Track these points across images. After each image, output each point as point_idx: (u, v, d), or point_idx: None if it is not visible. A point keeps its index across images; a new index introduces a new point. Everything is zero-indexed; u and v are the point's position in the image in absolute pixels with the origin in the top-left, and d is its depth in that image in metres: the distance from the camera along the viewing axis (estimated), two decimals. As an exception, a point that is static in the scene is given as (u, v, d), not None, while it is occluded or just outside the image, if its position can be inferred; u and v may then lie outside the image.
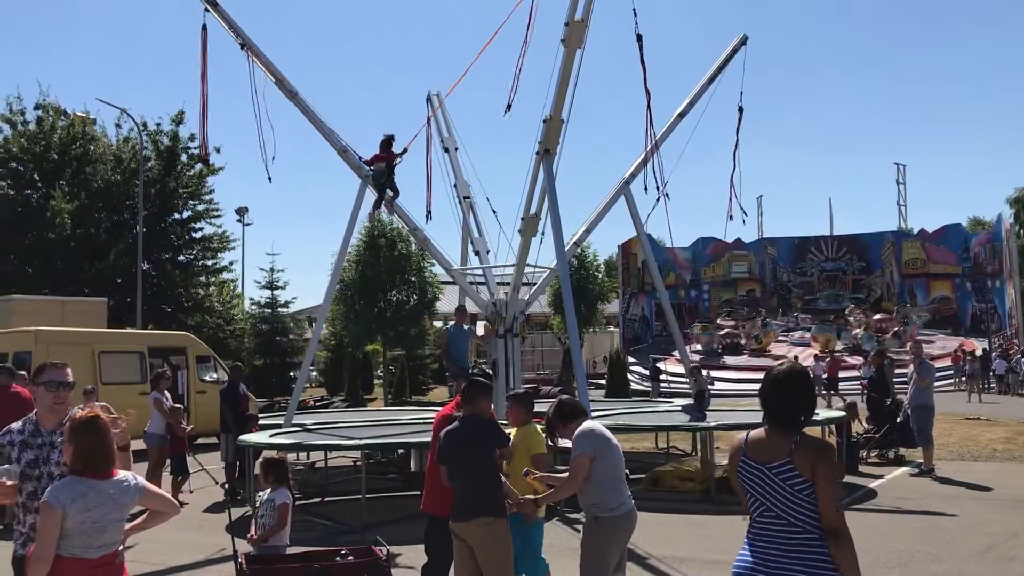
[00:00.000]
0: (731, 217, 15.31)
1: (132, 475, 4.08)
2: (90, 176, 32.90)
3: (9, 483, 4.07)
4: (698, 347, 40.54)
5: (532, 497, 5.72)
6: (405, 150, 14.34)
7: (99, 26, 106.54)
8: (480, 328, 15.11)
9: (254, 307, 38.75)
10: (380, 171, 14.01)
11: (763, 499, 3.40)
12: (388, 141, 14.17)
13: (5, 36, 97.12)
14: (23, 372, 10.38)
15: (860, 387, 22.37)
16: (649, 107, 11.84)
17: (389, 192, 14.34)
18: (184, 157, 34.49)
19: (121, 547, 4.02)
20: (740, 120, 15.02)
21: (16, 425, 4.32)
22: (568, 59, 11.07)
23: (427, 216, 16.53)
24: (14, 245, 31.18)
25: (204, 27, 12.95)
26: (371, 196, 14.47)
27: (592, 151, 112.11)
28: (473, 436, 5.60)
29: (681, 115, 14.97)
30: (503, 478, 5.69)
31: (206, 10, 13.00)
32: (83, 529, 3.79)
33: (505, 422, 6.49)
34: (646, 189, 13.30)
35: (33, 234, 30.87)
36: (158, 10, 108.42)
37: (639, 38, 11.35)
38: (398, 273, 33.45)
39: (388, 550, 5.93)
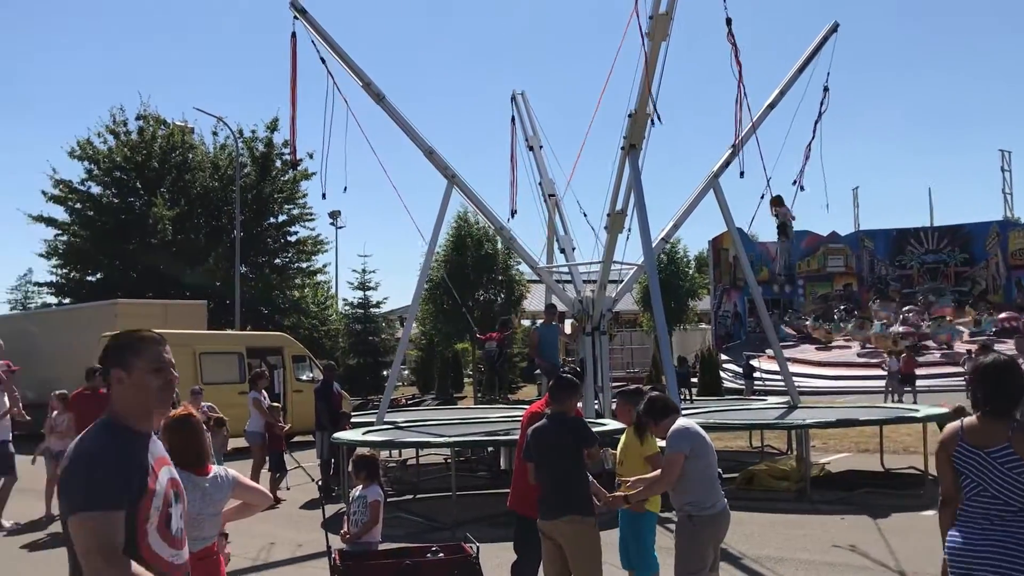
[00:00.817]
0: (801, 187, 14.82)
1: (224, 469, 4.19)
2: (189, 183, 34.08)
3: None
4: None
5: (621, 494, 5.66)
6: (514, 330, 15.29)
7: (197, 38, 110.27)
8: (567, 326, 15.06)
9: (347, 308, 39.56)
10: (493, 351, 14.58)
11: (981, 481, 3.66)
12: (505, 323, 14.90)
13: (108, 48, 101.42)
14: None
15: (964, 383, 21.49)
16: (741, 80, 11.48)
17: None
18: (278, 163, 35.42)
19: (223, 541, 4.14)
20: (825, 98, 14.64)
21: None
22: (653, 53, 10.93)
23: (511, 214, 16.62)
24: (119, 251, 32.54)
25: (293, 34, 13.23)
26: (457, 198, 14.60)
27: (678, 146, 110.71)
28: (560, 435, 5.57)
29: (771, 106, 14.61)
30: (590, 476, 5.65)
31: (295, 18, 13.28)
32: None
33: (599, 420, 6.45)
34: (742, 174, 13.14)
35: (136, 240, 32.17)
36: (252, 19, 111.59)
37: (728, 22, 11.07)
38: (485, 272, 33.67)
39: (478, 547, 5.95)
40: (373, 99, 13.90)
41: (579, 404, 6.13)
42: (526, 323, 39.03)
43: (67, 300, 33.81)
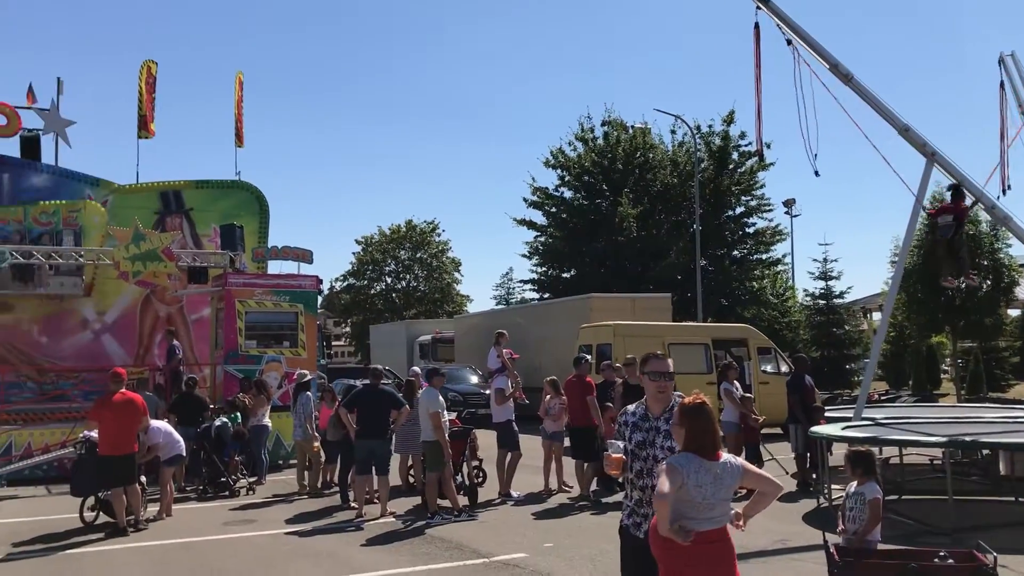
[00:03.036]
0: None
1: (732, 456, 4.33)
2: (650, 182, 35.65)
3: (614, 456, 4.54)
4: None
5: None
6: (975, 202, 12.66)
7: (654, 41, 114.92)
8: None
9: (808, 298, 38.38)
10: (948, 225, 12.25)
11: None
12: (957, 188, 12.47)
13: (577, 64, 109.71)
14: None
15: None
16: None
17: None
18: (735, 155, 35.54)
19: (738, 523, 4.30)
20: None
21: (631, 407, 4.80)
22: None
23: (1003, 191, 14.80)
24: (589, 249, 35.14)
25: (756, 25, 13.18)
26: (941, 178, 13.38)
27: None
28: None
29: None
30: None
31: (758, 8, 13.20)
32: (695, 503, 4.12)
33: None
34: None
35: (604, 238, 34.42)
36: (706, 16, 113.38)
37: None
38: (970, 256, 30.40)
39: (995, 557, 5.44)
40: (841, 80, 13.32)
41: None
42: (1013, 313, 34.55)
43: (546, 295, 37.37)
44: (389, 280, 55.59)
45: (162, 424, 11.93)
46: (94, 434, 11.25)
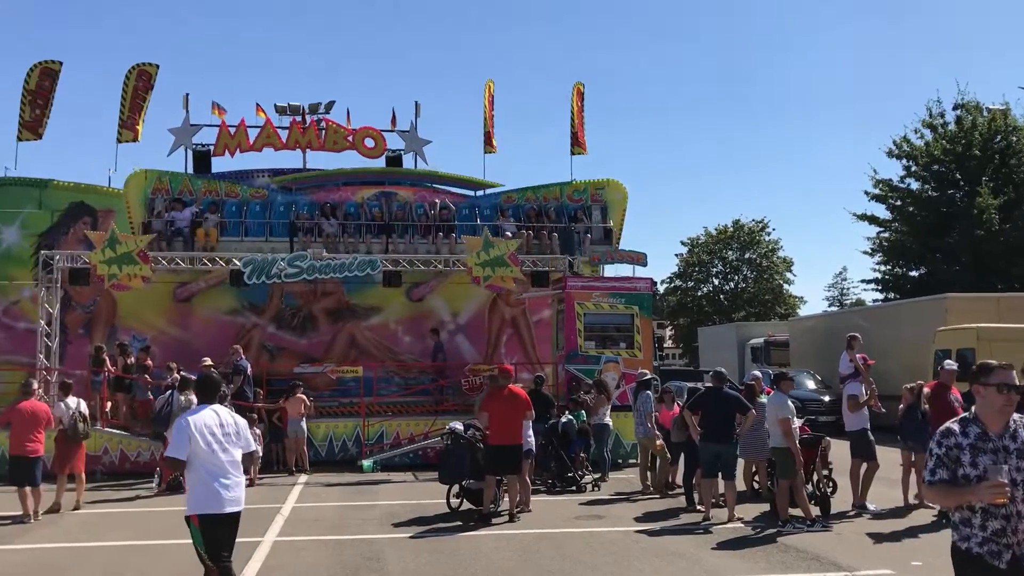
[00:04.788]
0: None
1: None
2: (1014, 168, 31.92)
3: (1003, 480, 3.99)
4: None
5: None
6: None
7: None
8: None
9: None
10: None
11: None
12: None
13: (923, 46, 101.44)
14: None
15: None
16: None
17: None
18: None
19: None
20: None
21: (954, 426, 4.21)
22: None
23: None
24: (940, 244, 32.16)
25: None
26: None
27: None
28: None
29: None
30: None
31: None
32: None
33: None
34: None
35: (958, 233, 31.32)
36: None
37: None
38: None
39: None
40: None
41: None
42: None
43: (890, 296, 34.81)
44: (716, 281, 54.75)
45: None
46: (458, 425, 12.22)
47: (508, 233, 19.66)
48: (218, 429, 6.33)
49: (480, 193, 21.93)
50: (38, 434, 11.56)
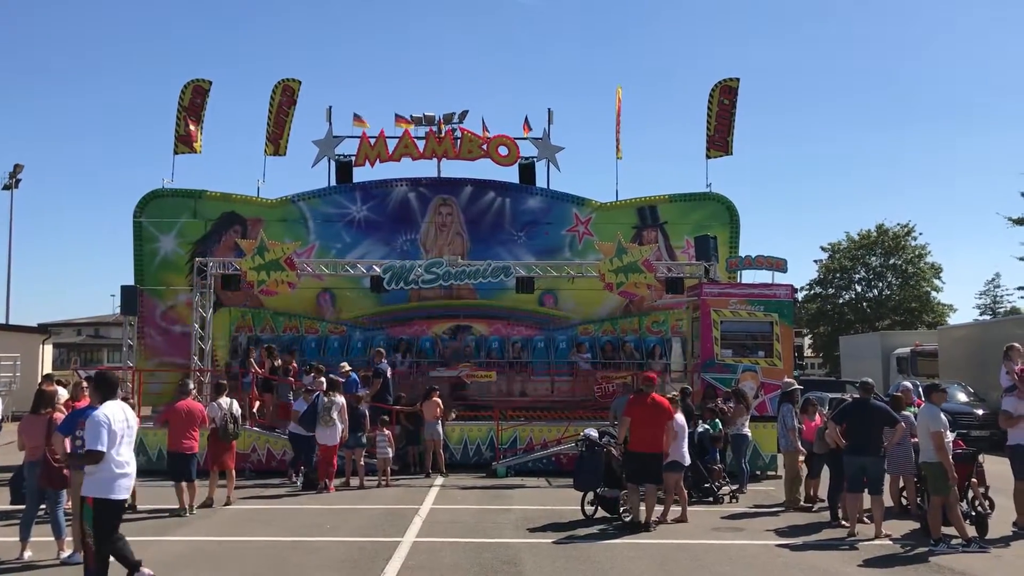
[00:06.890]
0: None
1: None
2: None
3: None
4: None
5: None
6: None
7: None
8: None
9: None
10: None
11: None
12: None
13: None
14: None
15: None
16: None
17: None
18: None
19: None
20: None
21: None
22: None
23: None
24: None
25: None
26: None
27: None
28: None
29: None
30: None
31: None
32: None
33: None
34: None
35: None
36: None
37: None
38: None
39: None
40: None
41: None
42: None
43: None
44: (859, 288, 52.57)
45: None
46: (593, 432, 12.19)
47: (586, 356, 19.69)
48: (124, 423, 7.26)
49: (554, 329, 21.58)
50: (193, 432, 12.24)
